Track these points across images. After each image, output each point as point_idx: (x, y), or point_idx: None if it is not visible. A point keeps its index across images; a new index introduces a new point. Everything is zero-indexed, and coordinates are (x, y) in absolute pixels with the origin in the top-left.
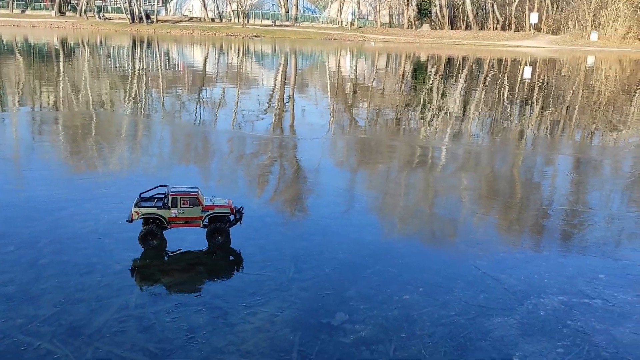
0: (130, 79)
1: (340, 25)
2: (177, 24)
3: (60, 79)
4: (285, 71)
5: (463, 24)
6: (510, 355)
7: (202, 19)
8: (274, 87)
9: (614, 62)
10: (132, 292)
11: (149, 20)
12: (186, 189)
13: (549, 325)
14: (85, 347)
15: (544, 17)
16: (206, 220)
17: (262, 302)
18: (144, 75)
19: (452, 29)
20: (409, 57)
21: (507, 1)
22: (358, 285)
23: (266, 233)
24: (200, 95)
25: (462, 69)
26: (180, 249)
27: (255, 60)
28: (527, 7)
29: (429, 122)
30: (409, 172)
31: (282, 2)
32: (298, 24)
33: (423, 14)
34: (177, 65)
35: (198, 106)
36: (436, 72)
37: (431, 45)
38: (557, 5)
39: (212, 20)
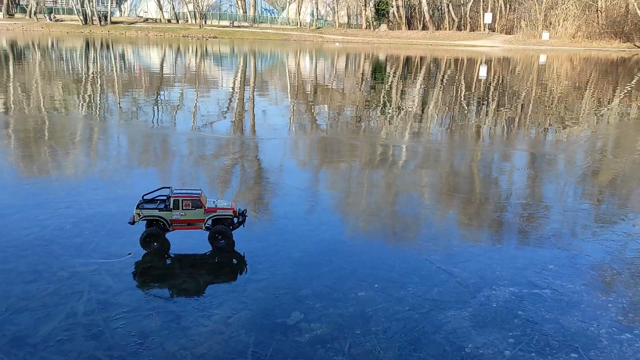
0: (84, 81)
1: (298, 25)
2: (132, 25)
3: (10, 83)
4: (245, 72)
5: (420, 24)
6: (463, 347)
7: (157, 20)
8: (234, 88)
9: (565, 60)
10: (80, 299)
11: (103, 22)
12: (189, 191)
13: (500, 316)
14: (29, 358)
15: (498, 17)
16: (209, 222)
17: (216, 304)
18: (99, 78)
19: (409, 29)
20: (368, 57)
21: (462, 2)
22: (313, 284)
23: None
24: (158, 97)
25: (420, 69)
26: (130, 253)
27: (213, 62)
28: (482, 7)
29: (389, 121)
30: (368, 171)
31: (239, 2)
32: (256, 25)
33: (380, 14)
34: (133, 67)
35: (155, 108)
36: (395, 72)
37: (389, 46)
38: (510, 5)
39: (169, 21)
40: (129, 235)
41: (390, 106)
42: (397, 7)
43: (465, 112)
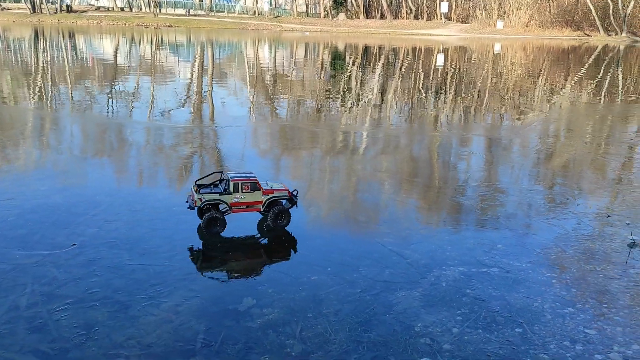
0: (34, 73)
1: (256, 14)
2: (84, 14)
3: None
4: (203, 62)
5: (378, 13)
6: (412, 327)
7: (110, 9)
8: (192, 78)
9: (519, 48)
10: (24, 291)
11: (53, 10)
12: (245, 174)
13: (449, 295)
14: None
15: (454, 6)
16: (266, 204)
17: (166, 293)
18: (50, 69)
19: (367, 18)
20: (327, 46)
21: None
22: (267, 270)
23: (174, 223)
24: (112, 88)
25: (379, 58)
26: (75, 244)
27: (170, 51)
28: None
29: (349, 109)
30: (329, 158)
31: None
32: (213, 14)
33: (339, 3)
34: (86, 57)
35: (110, 99)
36: (354, 61)
37: (348, 35)
38: None
39: (122, 9)
40: (75, 226)
41: (350, 95)
42: None
43: (424, 99)
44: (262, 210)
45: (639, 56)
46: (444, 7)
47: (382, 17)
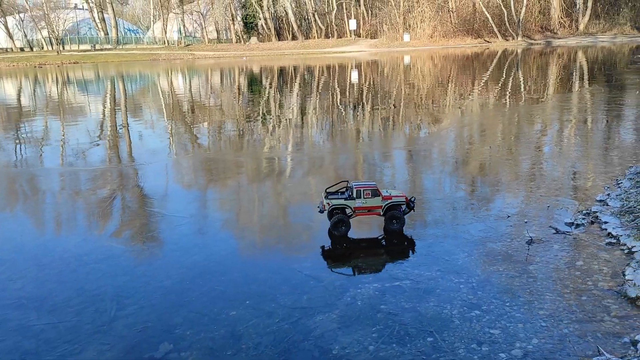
0: None
1: (166, 44)
2: None
3: None
4: (114, 97)
5: (289, 34)
6: (330, 350)
7: (8, 50)
8: (104, 114)
9: (427, 59)
10: None
11: None
12: (366, 183)
13: (365, 313)
14: None
15: (362, 23)
16: (385, 209)
17: (78, 350)
18: None
19: (279, 40)
20: (242, 70)
21: (326, 10)
22: (184, 311)
23: (84, 274)
24: (18, 132)
25: (295, 78)
26: None
27: (78, 89)
28: (345, 15)
29: (271, 133)
30: (250, 187)
31: (99, 24)
32: (121, 47)
33: (249, 27)
34: None
35: (17, 144)
36: (271, 83)
37: (262, 58)
38: (372, 11)
39: (21, 49)
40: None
41: (271, 118)
42: (265, 20)
43: (343, 116)
44: (381, 214)
45: (536, 57)
46: (352, 25)
47: (294, 38)
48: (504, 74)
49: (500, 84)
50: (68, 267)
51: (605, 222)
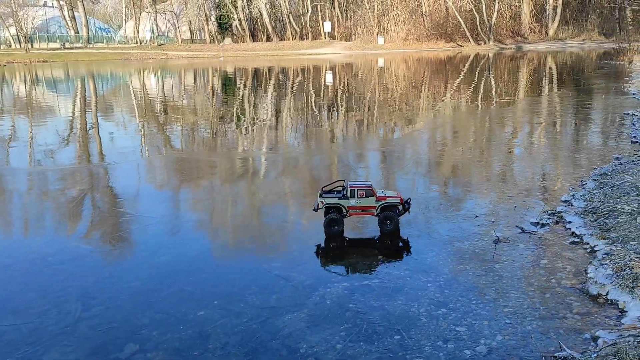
0: None
1: (138, 43)
2: None
3: None
4: (85, 96)
5: (264, 35)
6: (298, 349)
7: None
8: (74, 114)
9: (401, 62)
10: None
11: None
12: (362, 183)
13: (333, 313)
14: None
15: (336, 25)
16: (379, 209)
17: (41, 352)
18: None
19: (254, 41)
20: (216, 71)
21: (301, 12)
22: (151, 311)
23: (48, 275)
24: None
25: (270, 79)
26: None
27: (47, 88)
28: (320, 17)
29: (245, 133)
30: (223, 188)
31: (70, 22)
32: (91, 45)
33: (224, 28)
34: None
35: None
36: (245, 84)
37: (236, 58)
38: (346, 14)
39: None
40: None
41: (245, 118)
42: (240, 20)
43: (318, 118)
44: (375, 214)
45: (507, 62)
46: (327, 27)
47: (269, 39)
48: (476, 77)
49: (472, 87)
50: (32, 268)
51: (570, 222)
